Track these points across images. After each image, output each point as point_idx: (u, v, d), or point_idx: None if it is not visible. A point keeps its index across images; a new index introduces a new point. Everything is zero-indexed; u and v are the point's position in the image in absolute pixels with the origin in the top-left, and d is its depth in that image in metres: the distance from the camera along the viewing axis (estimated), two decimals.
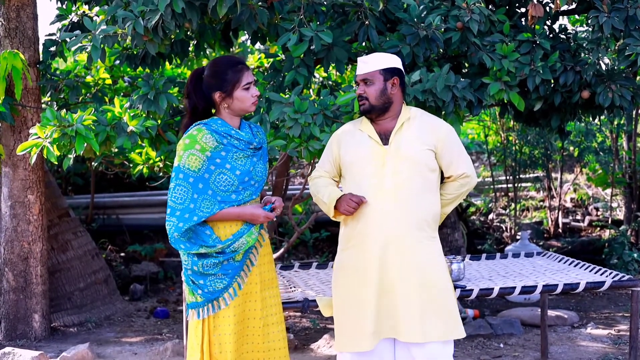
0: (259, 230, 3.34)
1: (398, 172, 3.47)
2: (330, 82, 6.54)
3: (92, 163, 5.19)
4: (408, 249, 3.45)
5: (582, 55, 5.13)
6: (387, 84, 3.51)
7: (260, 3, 4.59)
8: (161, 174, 5.29)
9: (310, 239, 9.08)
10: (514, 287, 4.04)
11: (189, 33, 5.23)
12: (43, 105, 5.88)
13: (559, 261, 4.79)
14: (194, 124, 3.31)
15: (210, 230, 3.24)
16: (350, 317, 3.53)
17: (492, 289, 4.01)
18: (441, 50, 5.08)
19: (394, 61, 3.56)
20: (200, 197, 3.21)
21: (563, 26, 5.31)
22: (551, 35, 5.27)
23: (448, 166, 3.59)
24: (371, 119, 3.58)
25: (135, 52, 5.18)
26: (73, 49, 4.53)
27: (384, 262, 3.45)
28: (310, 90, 6.08)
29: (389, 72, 3.52)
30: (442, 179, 3.65)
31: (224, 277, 3.26)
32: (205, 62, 6.25)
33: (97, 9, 5.03)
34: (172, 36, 4.83)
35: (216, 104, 3.35)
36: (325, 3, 4.90)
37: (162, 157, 4.98)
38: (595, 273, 4.38)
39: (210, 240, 3.22)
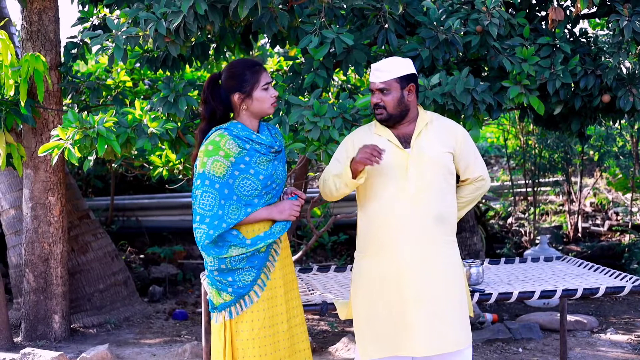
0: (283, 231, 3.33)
1: (421, 175, 3.41)
2: (349, 85, 6.53)
3: (113, 165, 5.23)
4: (432, 253, 3.41)
5: (603, 59, 5.10)
6: (404, 92, 3.44)
7: (280, 6, 4.61)
8: (180, 176, 5.31)
9: (329, 242, 9.09)
10: (533, 292, 4.01)
11: (210, 36, 5.26)
12: (64, 108, 5.93)
13: (579, 266, 4.77)
14: (214, 129, 3.28)
15: (236, 231, 3.21)
16: (381, 326, 3.43)
17: (511, 293, 4.00)
18: (460, 54, 5.08)
19: (409, 67, 3.48)
20: (227, 203, 3.18)
21: (584, 30, 5.29)
22: (571, 39, 5.24)
23: (465, 169, 3.56)
24: (388, 125, 3.52)
25: (155, 55, 5.22)
26: (95, 49, 4.55)
27: (410, 268, 3.39)
28: (329, 94, 6.09)
29: (405, 80, 3.44)
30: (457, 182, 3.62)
31: (251, 269, 3.23)
32: (225, 65, 6.27)
33: (118, 12, 5.07)
34: (193, 39, 4.85)
35: (235, 107, 3.32)
36: (344, 7, 4.91)
37: (182, 159, 5.00)
38: (615, 278, 4.35)
39: (237, 239, 3.19)
